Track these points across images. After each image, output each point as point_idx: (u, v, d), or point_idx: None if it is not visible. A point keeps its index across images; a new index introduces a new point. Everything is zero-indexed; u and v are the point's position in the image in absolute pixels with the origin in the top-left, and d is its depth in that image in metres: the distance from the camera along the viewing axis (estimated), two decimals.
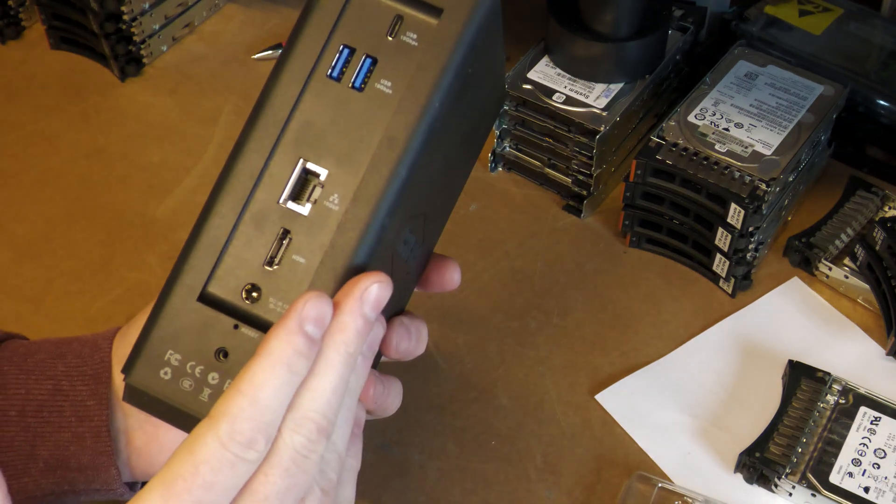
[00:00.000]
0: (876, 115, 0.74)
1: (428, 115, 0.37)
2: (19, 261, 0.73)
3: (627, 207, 0.71)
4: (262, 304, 0.37)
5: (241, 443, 0.34)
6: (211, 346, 0.37)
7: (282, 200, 0.38)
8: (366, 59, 0.38)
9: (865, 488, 0.59)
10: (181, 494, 0.34)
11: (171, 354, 0.37)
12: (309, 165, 0.38)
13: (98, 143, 0.81)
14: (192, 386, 0.37)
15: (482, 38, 0.39)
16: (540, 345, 0.68)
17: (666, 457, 0.62)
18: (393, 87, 0.38)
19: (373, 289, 0.37)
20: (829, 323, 0.68)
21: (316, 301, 0.36)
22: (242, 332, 0.37)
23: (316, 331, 0.36)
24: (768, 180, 0.65)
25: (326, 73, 0.38)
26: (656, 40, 0.73)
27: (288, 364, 0.35)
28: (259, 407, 0.35)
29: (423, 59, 0.37)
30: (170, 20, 0.87)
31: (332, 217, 0.37)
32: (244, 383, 0.35)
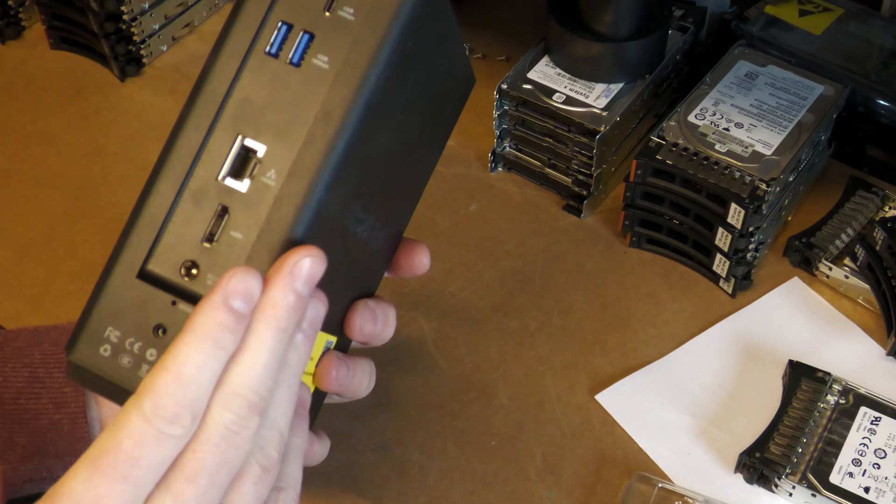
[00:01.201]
0: (876, 115, 0.74)
1: (364, 89, 0.37)
2: (19, 261, 0.73)
3: (627, 207, 0.71)
4: (200, 281, 0.37)
5: (165, 418, 0.34)
6: (149, 323, 0.37)
7: (220, 177, 0.38)
8: (303, 34, 0.38)
9: (865, 488, 0.59)
10: (105, 470, 0.34)
11: (110, 331, 0.38)
12: (247, 142, 0.38)
13: (98, 143, 0.81)
14: (130, 363, 0.37)
15: (422, 12, 0.38)
16: (540, 345, 0.68)
17: (666, 457, 0.62)
18: (329, 62, 0.38)
19: (304, 262, 0.36)
20: (829, 323, 0.68)
21: (242, 275, 0.35)
22: (180, 309, 0.37)
23: (242, 305, 0.35)
24: (768, 180, 0.65)
25: (265, 49, 0.38)
26: (656, 40, 0.73)
27: (213, 339, 0.35)
28: (183, 382, 0.35)
29: (358, 33, 0.38)
30: (170, 20, 0.87)
31: (268, 193, 0.37)
32: (168, 359, 0.35)
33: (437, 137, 0.48)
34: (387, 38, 0.37)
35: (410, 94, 0.41)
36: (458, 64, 0.46)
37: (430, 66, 0.42)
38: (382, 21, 0.37)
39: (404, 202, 0.47)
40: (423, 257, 0.47)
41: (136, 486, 0.35)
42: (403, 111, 0.41)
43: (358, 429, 0.63)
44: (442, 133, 0.48)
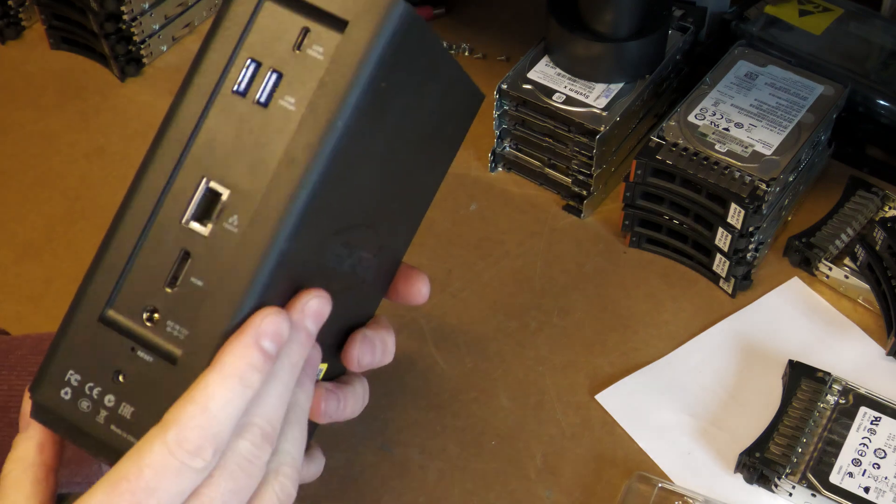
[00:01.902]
0: (876, 115, 0.74)
1: (331, 134, 0.36)
2: (19, 261, 0.73)
3: (627, 207, 0.71)
4: (160, 327, 0.37)
5: (189, 451, 0.35)
6: (109, 369, 0.37)
7: (184, 220, 0.37)
8: (272, 73, 0.37)
9: (865, 488, 0.59)
10: (124, 495, 0.34)
11: (71, 374, 0.37)
12: (212, 185, 0.37)
13: (98, 143, 0.81)
14: (89, 407, 0.37)
15: (397, 50, 0.37)
16: (540, 345, 0.68)
17: (666, 457, 0.62)
18: (296, 103, 0.36)
19: (312, 303, 0.38)
20: (829, 323, 0.68)
21: (274, 317, 0.36)
22: (138, 356, 0.37)
23: (272, 346, 0.36)
24: (768, 180, 0.65)
25: (233, 87, 0.37)
26: (656, 40, 0.73)
27: (241, 377, 0.35)
28: (208, 416, 0.35)
29: (326, 75, 0.36)
30: (170, 20, 0.87)
31: (231, 239, 0.36)
32: (197, 392, 0.35)
33: (438, 159, 0.46)
34: (355, 82, 0.36)
35: (394, 129, 0.40)
36: (455, 86, 0.44)
37: (415, 97, 0.40)
38: (351, 63, 0.36)
39: (400, 228, 0.46)
40: (421, 286, 0.47)
41: None
42: (386, 145, 0.40)
43: (358, 429, 0.63)
44: (443, 154, 0.47)
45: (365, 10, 0.36)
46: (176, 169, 0.37)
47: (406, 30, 0.37)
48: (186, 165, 0.37)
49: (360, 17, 0.36)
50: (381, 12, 0.36)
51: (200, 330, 0.36)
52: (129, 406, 0.37)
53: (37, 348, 0.49)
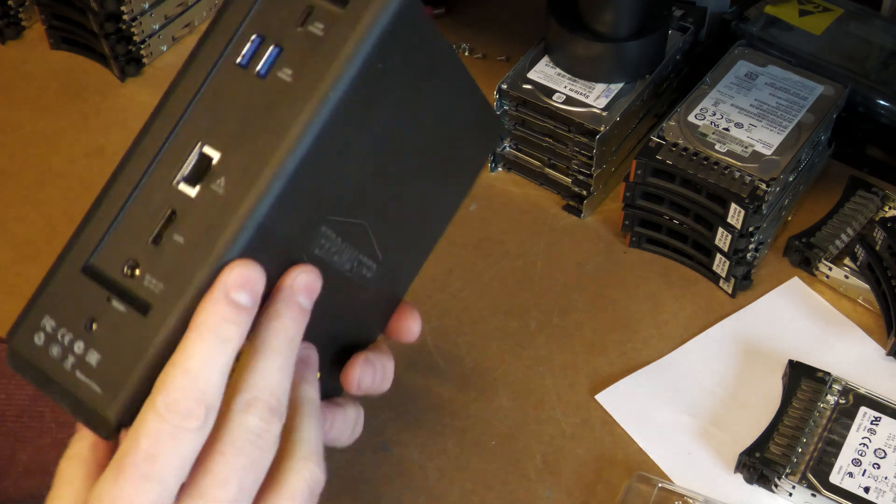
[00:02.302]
0: (876, 115, 0.74)
1: (323, 105, 0.37)
2: (19, 261, 0.73)
3: (627, 207, 0.71)
4: (138, 281, 0.37)
5: (179, 413, 0.35)
6: (82, 317, 0.38)
7: (175, 181, 0.38)
8: (274, 48, 0.38)
9: (865, 488, 0.59)
10: (128, 470, 0.35)
11: (47, 320, 0.38)
12: (205, 149, 0.38)
13: (98, 143, 0.81)
14: (59, 354, 0.38)
15: (397, 33, 0.38)
16: (540, 345, 0.68)
17: (666, 457, 0.62)
18: (293, 75, 0.37)
19: (301, 277, 0.38)
20: (829, 323, 0.68)
21: (238, 268, 0.36)
22: (113, 306, 0.37)
23: (243, 296, 0.36)
24: (768, 180, 0.65)
25: (236, 60, 0.38)
26: (656, 40, 0.73)
27: (215, 332, 0.36)
28: (191, 376, 0.35)
29: (323, 48, 0.37)
30: (170, 20, 0.87)
31: (216, 200, 0.37)
32: (177, 355, 0.36)
33: (447, 183, 0.47)
34: (351, 56, 0.37)
35: (390, 122, 0.40)
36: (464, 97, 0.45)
37: (415, 92, 0.41)
38: (348, 37, 0.37)
39: (405, 252, 0.46)
40: (412, 324, 0.47)
41: (160, 485, 0.35)
42: (381, 137, 0.40)
43: None
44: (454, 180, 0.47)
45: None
46: (172, 132, 0.38)
47: (407, 15, 0.38)
48: (183, 130, 0.38)
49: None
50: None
51: (175, 284, 0.37)
52: (96, 353, 0.37)
53: None
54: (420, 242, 0.47)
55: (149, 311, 0.37)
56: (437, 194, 0.46)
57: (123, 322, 0.37)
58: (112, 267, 0.38)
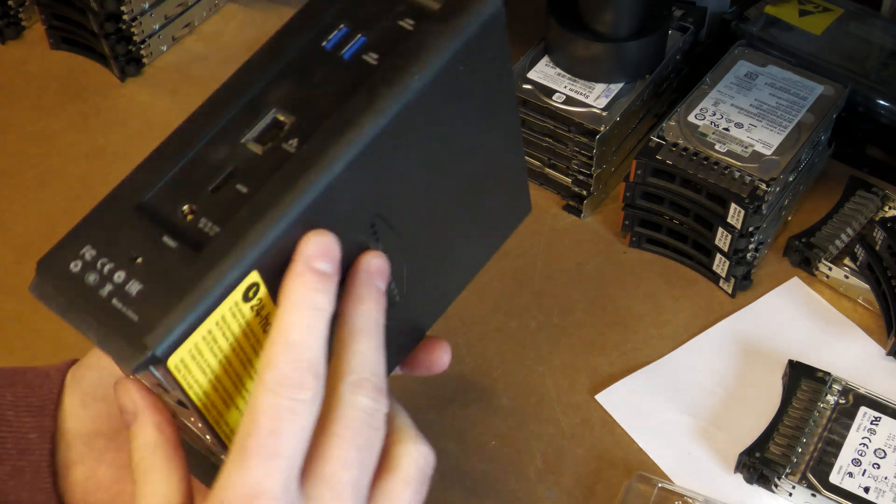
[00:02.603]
0: (876, 115, 0.74)
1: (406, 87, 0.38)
2: (19, 261, 0.73)
3: (627, 207, 0.71)
4: (193, 223, 0.37)
5: (290, 385, 0.35)
6: (129, 250, 0.36)
7: (244, 140, 0.38)
8: (361, 37, 0.39)
9: (865, 488, 0.59)
10: (254, 450, 0.35)
11: (87, 250, 0.37)
12: (279, 116, 0.38)
13: (98, 143, 0.81)
14: (95, 281, 0.36)
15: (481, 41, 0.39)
16: (540, 345, 0.68)
17: (666, 457, 0.62)
18: (378, 59, 0.38)
19: (374, 261, 0.39)
20: (829, 323, 0.68)
21: (315, 238, 0.37)
22: (163, 241, 0.36)
23: (323, 264, 0.37)
24: (768, 180, 0.65)
25: (322, 43, 0.39)
26: (656, 40, 0.73)
27: (308, 302, 0.36)
28: (295, 347, 0.36)
29: (411, 40, 0.38)
30: (170, 20, 0.87)
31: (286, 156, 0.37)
32: (274, 332, 0.36)
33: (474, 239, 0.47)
34: (440, 50, 0.38)
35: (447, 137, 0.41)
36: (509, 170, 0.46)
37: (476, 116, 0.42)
38: (439, 33, 0.38)
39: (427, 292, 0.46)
40: (443, 355, 0.47)
41: (287, 461, 0.35)
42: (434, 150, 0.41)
43: None
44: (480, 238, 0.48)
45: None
46: (249, 95, 0.39)
47: (494, 26, 0.39)
48: (258, 96, 0.39)
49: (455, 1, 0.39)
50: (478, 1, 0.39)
51: (234, 226, 0.36)
52: (138, 284, 0.36)
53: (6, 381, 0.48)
54: (441, 288, 0.47)
55: (203, 248, 0.36)
56: (464, 244, 0.47)
57: (173, 256, 0.36)
58: (167, 208, 0.37)
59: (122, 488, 0.47)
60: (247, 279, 0.36)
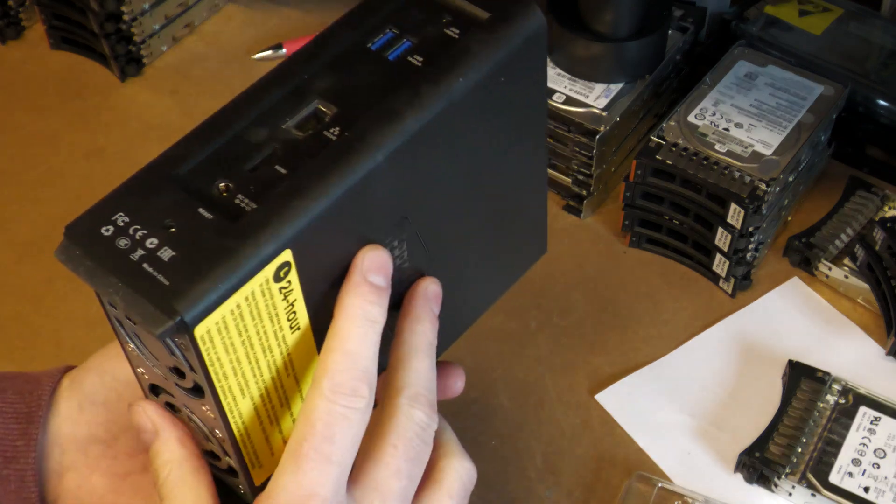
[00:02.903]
0: (876, 115, 0.74)
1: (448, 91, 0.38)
2: (19, 261, 0.73)
3: (627, 207, 0.71)
4: (229, 198, 0.37)
5: (346, 393, 0.37)
6: (162, 218, 0.36)
7: (285, 126, 0.38)
8: (406, 41, 0.40)
9: (865, 488, 0.59)
10: (309, 454, 0.36)
11: (120, 216, 0.37)
12: (321, 106, 0.39)
13: (98, 143, 0.81)
14: (126, 245, 0.36)
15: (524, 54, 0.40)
16: (540, 345, 0.68)
17: (666, 457, 0.62)
18: (423, 61, 0.39)
19: (432, 287, 0.42)
20: (829, 323, 0.68)
21: (370, 253, 0.39)
22: (198, 212, 0.36)
23: (378, 278, 0.38)
24: (768, 180, 0.65)
25: (368, 44, 0.40)
26: (656, 40, 0.73)
27: (363, 314, 0.38)
28: (351, 357, 0.37)
29: (456, 46, 0.39)
30: (170, 20, 0.87)
31: (327, 142, 0.38)
32: (332, 341, 0.37)
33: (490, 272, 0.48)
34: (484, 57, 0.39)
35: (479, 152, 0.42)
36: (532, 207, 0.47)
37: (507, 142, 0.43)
38: (484, 42, 0.39)
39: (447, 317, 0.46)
40: (457, 380, 0.48)
41: (339, 466, 0.36)
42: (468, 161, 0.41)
43: None
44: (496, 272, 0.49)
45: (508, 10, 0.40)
46: (293, 84, 0.39)
47: (537, 42, 0.41)
48: (302, 87, 0.39)
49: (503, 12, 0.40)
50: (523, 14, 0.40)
51: (271, 202, 0.36)
52: (171, 251, 0.35)
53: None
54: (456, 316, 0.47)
55: (239, 219, 0.36)
56: (482, 274, 0.48)
57: (208, 226, 0.36)
58: (203, 182, 0.37)
59: (114, 499, 0.46)
60: (280, 256, 0.36)
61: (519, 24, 0.40)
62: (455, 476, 0.41)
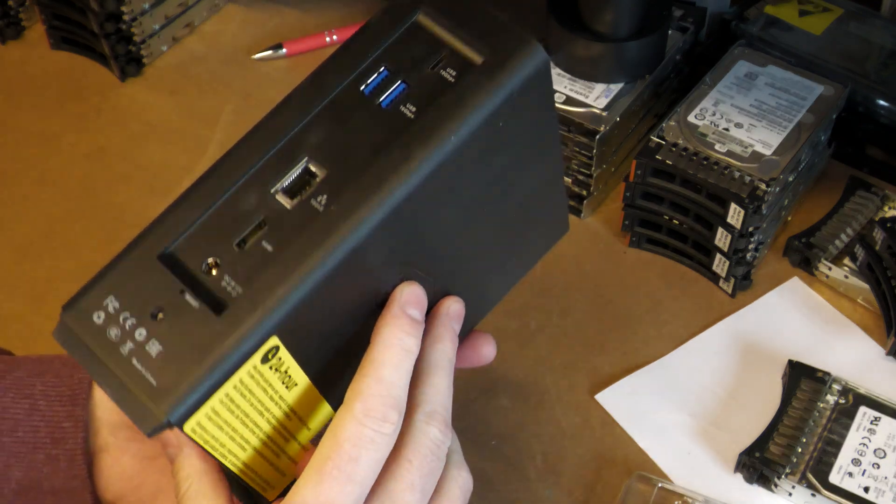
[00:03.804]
0: (876, 115, 0.74)
1: (442, 146, 0.37)
2: (19, 261, 0.73)
3: (627, 207, 0.71)
4: (216, 280, 0.37)
5: (376, 418, 0.38)
6: (150, 304, 0.37)
7: (273, 190, 0.38)
8: (401, 83, 0.38)
9: (865, 488, 0.59)
10: (332, 472, 0.37)
11: (110, 301, 0.37)
12: (310, 166, 0.38)
13: (98, 143, 0.81)
14: (117, 336, 0.36)
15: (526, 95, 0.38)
16: (540, 345, 0.68)
17: (666, 457, 0.62)
18: (416, 112, 0.38)
19: (454, 306, 0.43)
20: (829, 323, 0.68)
21: (409, 287, 0.41)
22: (185, 300, 0.36)
23: (415, 312, 0.40)
24: (768, 180, 0.65)
25: (360, 87, 0.39)
26: (656, 40, 0.73)
27: (399, 344, 0.39)
28: (385, 384, 0.39)
29: (452, 93, 0.38)
30: (170, 20, 0.87)
31: (314, 215, 0.37)
32: (367, 366, 0.39)
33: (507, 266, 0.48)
34: (480, 106, 0.38)
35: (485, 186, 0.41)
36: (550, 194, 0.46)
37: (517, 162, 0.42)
38: (480, 88, 0.38)
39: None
40: (488, 347, 0.49)
41: (360, 486, 0.38)
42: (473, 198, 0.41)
43: None
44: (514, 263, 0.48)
45: (507, 48, 0.38)
46: (282, 141, 0.38)
47: (539, 79, 0.39)
48: (293, 141, 0.38)
49: (501, 52, 0.38)
50: (523, 52, 0.38)
51: (257, 289, 0.36)
52: (158, 344, 0.36)
53: (35, 370, 0.49)
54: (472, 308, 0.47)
55: (223, 311, 0.36)
56: (498, 269, 0.48)
57: (194, 317, 0.36)
58: (191, 260, 0.37)
59: (143, 480, 0.48)
60: (266, 344, 0.36)
61: (518, 65, 0.38)
62: (455, 485, 0.42)
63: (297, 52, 0.87)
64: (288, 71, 0.86)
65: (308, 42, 0.87)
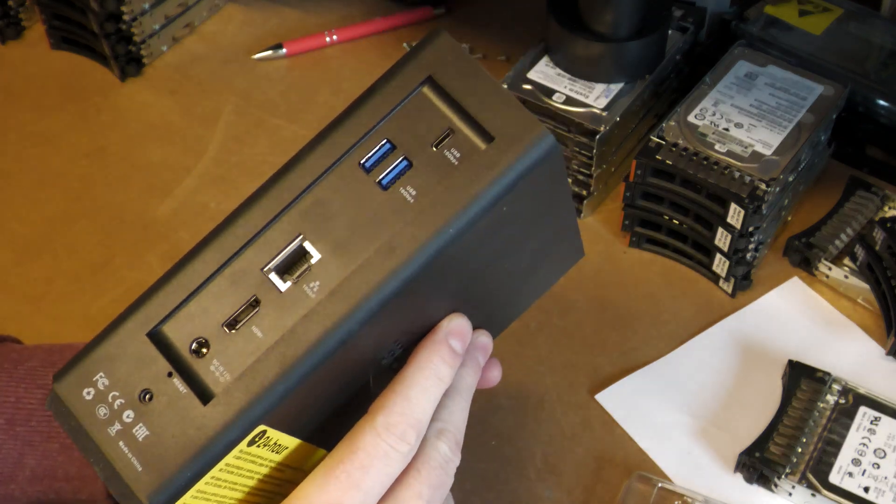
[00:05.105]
0: (876, 115, 0.74)
1: (439, 238, 0.36)
2: (19, 261, 0.73)
3: (627, 207, 0.71)
4: (204, 364, 0.36)
5: (395, 434, 0.38)
6: (139, 384, 0.36)
7: (266, 269, 0.37)
8: (402, 160, 0.37)
9: (865, 488, 0.59)
10: (340, 477, 0.38)
11: (100, 377, 0.37)
12: (305, 244, 0.37)
13: (98, 143, 0.81)
14: (105, 416, 0.36)
15: (531, 180, 0.37)
16: (540, 345, 0.68)
17: (666, 457, 0.62)
18: (416, 197, 0.36)
19: (481, 339, 0.44)
20: (829, 323, 0.68)
21: (459, 319, 0.42)
22: (172, 383, 0.36)
23: (457, 343, 0.41)
24: (768, 180, 0.65)
25: (360, 161, 0.37)
26: (656, 40, 0.73)
27: (435, 370, 0.40)
28: (411, 404, 0.39)
29: (455, 181, 0.36)
30: (170, 20, 0.87)
31: (305, 303, 0.36)
32: (398, 384, 0.39)
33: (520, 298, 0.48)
34: (481, 197, 0.36)
35: (495, 255, 0.40)
36: (563, 236, 0.45)
37: (525, 233, 0.41)
38: (484, 178, 0.36)
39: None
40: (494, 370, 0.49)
41: (364, 496, 0.38)
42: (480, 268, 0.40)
43: None
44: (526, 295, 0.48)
45: (514, 132, 0.36)
46: (276, 217, 0.37)
47: (548, 162, 0.37)
48: (287, 217, 0.37)
49: (507, 136, 0.36)
50: (530, 139, 0.36)
51: (243, 381, 0.36)
52: (145, 429, 0.36)
53: (48, 360, 0.49)
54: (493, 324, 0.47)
55: (209, 402, 0.36)
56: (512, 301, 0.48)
57: (181, 405, 0.36)
58: (180, 340, 0.37)
59: None
60: (253, 431, 0.36)
61: (525, 153, 0.36)
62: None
63: (297, 52, 0.87)
64: (288, 71, 0.86)
65: (308, 42, 0.87)
